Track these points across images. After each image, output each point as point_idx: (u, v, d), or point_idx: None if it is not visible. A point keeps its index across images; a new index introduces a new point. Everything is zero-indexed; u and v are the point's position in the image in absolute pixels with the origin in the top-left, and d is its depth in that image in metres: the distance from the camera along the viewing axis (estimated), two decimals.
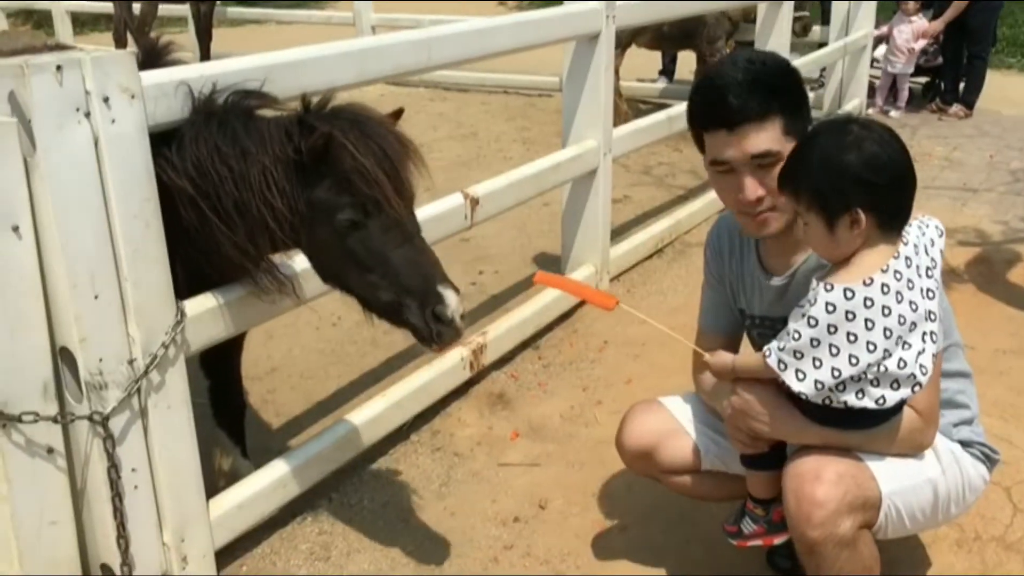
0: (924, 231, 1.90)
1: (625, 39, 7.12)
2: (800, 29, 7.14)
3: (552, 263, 4.64)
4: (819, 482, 1.88)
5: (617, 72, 7.42)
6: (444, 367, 3.28)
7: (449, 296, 2.05)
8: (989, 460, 2.19)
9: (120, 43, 8.11)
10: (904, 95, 8.32)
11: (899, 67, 8.12)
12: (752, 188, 1.97)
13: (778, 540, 2.09)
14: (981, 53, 8.13)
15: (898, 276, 1.80)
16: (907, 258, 1.83)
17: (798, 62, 6.15)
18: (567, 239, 4.33)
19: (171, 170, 2.03)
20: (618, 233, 4.93)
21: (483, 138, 7.34)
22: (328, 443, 2.79)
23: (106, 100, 1.88)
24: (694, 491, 2.41)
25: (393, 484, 2.95)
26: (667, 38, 7.35)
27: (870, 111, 8.20)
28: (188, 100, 2.09)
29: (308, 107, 2.13)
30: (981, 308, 4.19)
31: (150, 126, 2.00)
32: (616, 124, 4.26)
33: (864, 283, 1.78)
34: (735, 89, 1.93)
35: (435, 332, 2.06)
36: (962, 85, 8.25)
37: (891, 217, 1.83)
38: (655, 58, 9.00)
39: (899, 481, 1.98)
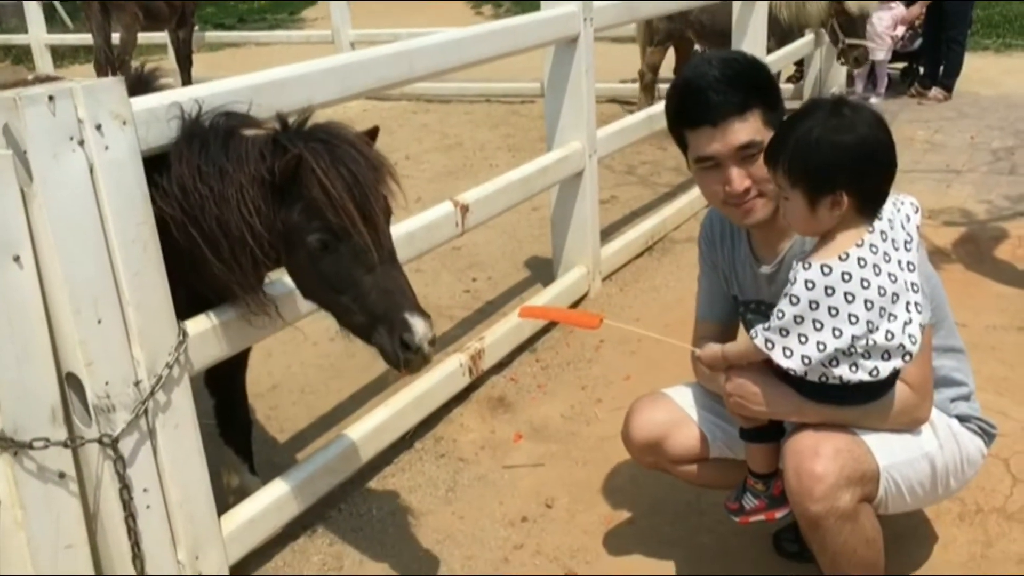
0: (899, 207, 1.95)
1: (660, 38, 7.09)
2: (852, 61, 7.01)
3: (543, 266, 4.68)
4: (818, 457, 1.93)
5: (656, 70, 7.44)
6: (444, 374, 3.31)
7: (416, 324, 2.05)
8: (986, 434, 2.23)
9: (101, 73, 8.13)
10: (884, 81, 8.40)
11: (879, 54, 8.20)
12: (739, 179, 2.03)
13: (779, 514, 2.13)
14: (958, 37, 8.21)
15: (874, 249, 1.84)
16: (882, 232, 1.87)
17: (772, 57, 6.21)
18: (557, 242, 4.37)
19: (160, 192, 2.07)
20: (607, 233, 4.97)
21: (468, 147, 7.39)
22: (334, 455, 2.81)
23: (99, 127, 1.91)
24: (702, 479, 2.44)
25: (400, 492, 2.98)
26: (707, 35, 7.17)
27: (852, 97, 8.26)
28: (177, 123, 2.12)
29: (285, 125, 2.14)
30: (971, 286, 4.24)
31: (142, 150, 2.03)
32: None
33: (840, 258, 1.83)
34: (715, 86, 2.00)
35: (402, 359, 2.07)
36: (940, 69, 8.33)
37: (870, 200, 1.88)
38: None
39: (896, 455, 2.02)
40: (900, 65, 8.86)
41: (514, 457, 3.16)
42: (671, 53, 7.70)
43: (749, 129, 2.00)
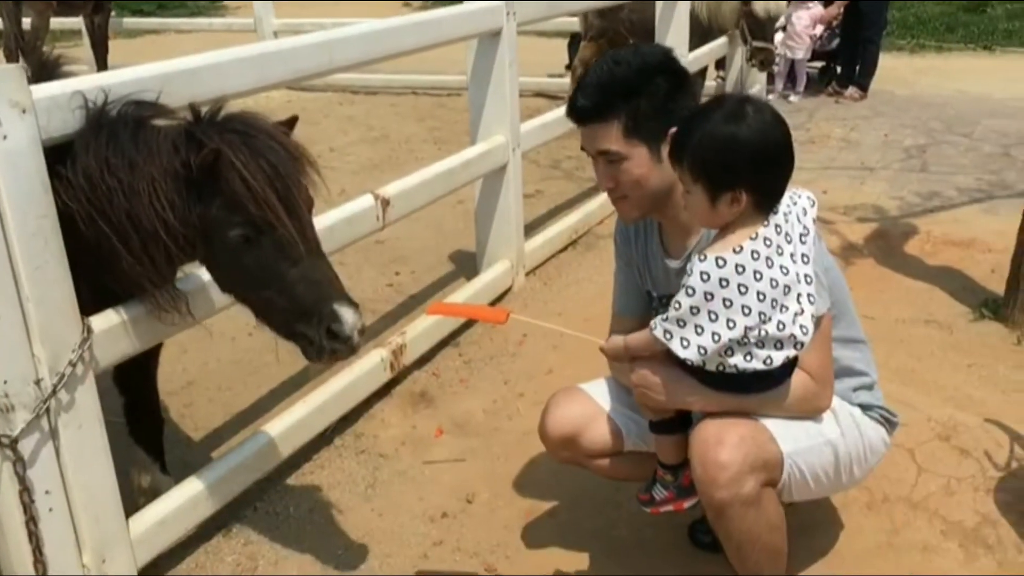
0: (796, 201, 2.00)
1: (593, 34, 7.08)
2: (759, 64, 7.07)
3: (468, 260, 4.67)
4: (722, 446, 1.97)
5: (588, 65, 7.39)
6: (364, 369, 3.27)
7: (346, 314, 2.04)
8: (889, 423, 2.30)
9: (11, 58, 7.83)
10: (803, 80, 8.59)
11: (799, 53, 8.38)
12: (602, 179, 2.13)
13: (687, 504, 2.17)
14: (873, 37, 8.44)
15: (767, 243, 1.89)
16: (776, 225, 1.92)
17: (692, 55, 6.29)
18: (481, 236, 4.36)
19: (64, 184, 1.99)
20: (532, 227, 4.99)
21: (394, 140, 7.33)
22: (249, 453, 2.76)
23: None
24: (618, 472, 2.46)
25: (319, 490, 2.94)
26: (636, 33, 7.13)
27: (770, 96, 8.44)
28: (82, 112, 2.05)
29: (198, 116, 2.08)
30: (881, 280, 4.37)
31: (44, 140, 1.95)
32: None
33: (734, 251, 1.87)
34: (586, 90, 2.07)
35: (329, 348, 2.05)
36: (857, 68, 8.56)
37: (768, 197, 1.92)
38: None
39: (799, 442, 2.08)
40: (818, 64, 9.07)
41: (435, 452, 3.14)
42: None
43: (608, 137, 2.06)
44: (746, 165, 1.86)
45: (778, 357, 1.91)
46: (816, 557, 2.52)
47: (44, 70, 2.52)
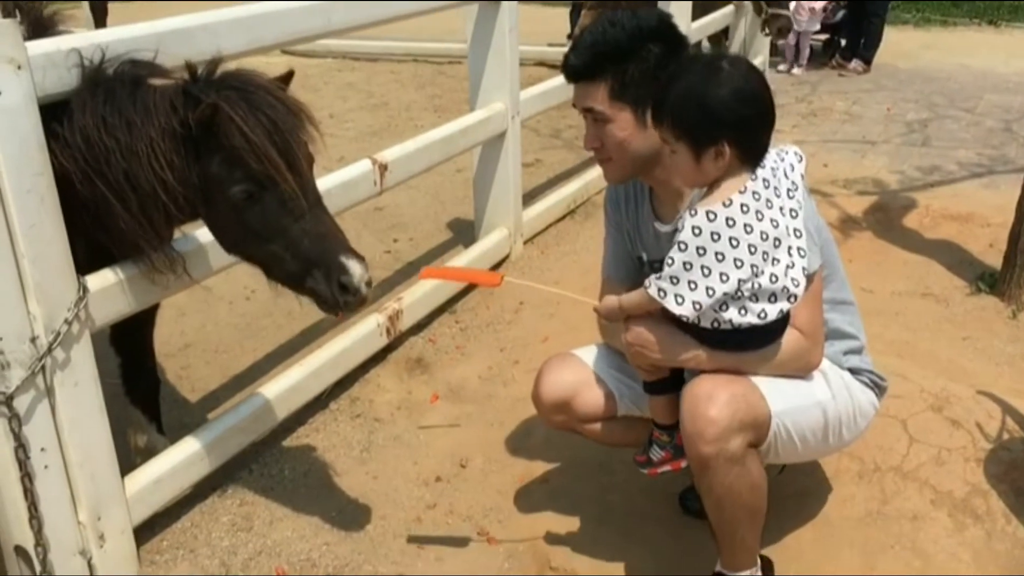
0: (784, 157, 2.00)
1: (593, 2, 7.02)
2: (775, 32, 6.99)
3: (466, 228, 4.67)
4: (712, 402, 1.98)
5: None
6: (360, 334, 3.28)
7: (353, 265, 2.04)
8: (878, 387, 2.31)
9: (7, 14, 7.77)
10: (806, 52, 8.53)
11: (803, 25, 8.31)
12: (588, 139, 2.17)
13: (685, 463, 2.18)
14: (878, 11, 8.39)
15: (756, 196, 1.89)
16: (764, 179, 1.92)
17: (695, 24, 6.24)
18: (479, 204, 4.36)
19: (61, 143, 1.99)
20: (531, 196, 4.98)
21: (394, 107, 7.29)
22: (245, 415, 2.78)
23: None
24: (611, 437, 2.48)
25: (314, 452, 2.96)
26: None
27: (780, 68, 8.40)
28: (78, 70, 2.04)
29: (195, 75, 2.07)
30: (879, 253, 4.37)
31: (39, 97, 1.94)
32: None
33: (724, 204, 1.88)
34: (578, 48, 2.10)
35: (341, 302, 2.06)
36: (861, 41, 8.50)
37: (752, 150, 1.93)
38: None
39: (789, 402, 2.09)
40: (822, 37, 9.01)
41: (430, 418, 3.16)
42: None
43: (593, 96, 2.09)
44: (725, 117, 1.86)
45: (772, 310, 1.92)
46: (805, 522, 2.54)
47: (39, 28, 2.51)
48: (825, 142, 6.12)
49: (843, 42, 8.73)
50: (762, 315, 1.91)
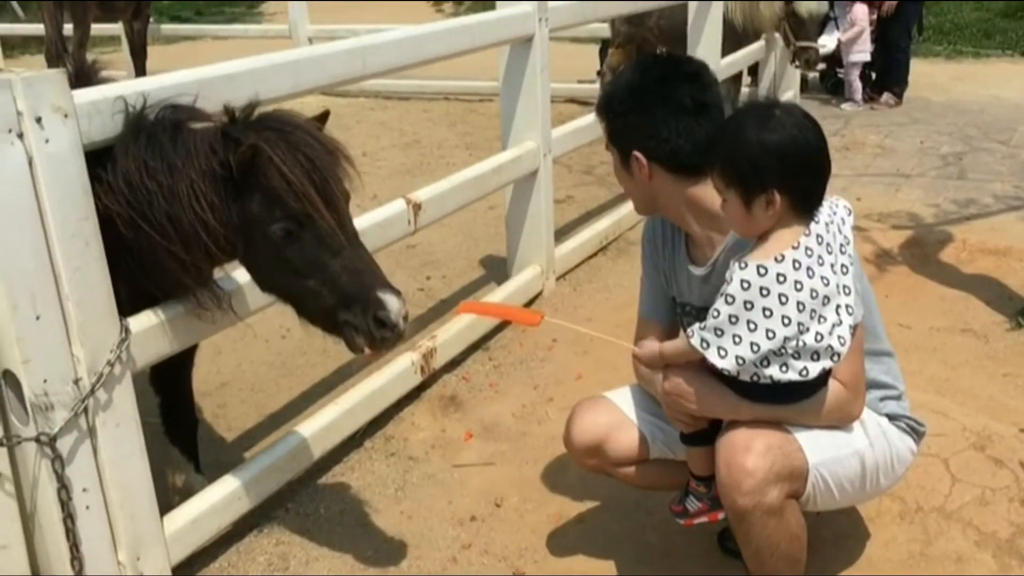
0: (835, 211, 1.98)
1: (620, 40, 7.10)
2: (804, 63, 7.02)
3: (498, 265, 4.68)
4: (749, 452, 1.96)
5: (616, 71, 7.37)
6: (395, 372, 3.30)
7: (390, 301, 2.06)
8: (916, 433, 2.27)
9: (53, 63, 7.97)
10: (855, 87, 8.41)
11: (864, 56, 8.26)
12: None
13: (722, 515, 2.16)
14: (900, 43, 8.40)
15: (809, 252, 1.87)
16: (818, 235, 1.90)
17: (726, 60, 6.26)
18: (512, 241, 4.38)
19: (104, 187, 2.03)
20: (563, 233, 4.99)
21: (426, 145, 7.37)
22: (281, 454, 2.79)
23: (39, 120, 1.87)
24: (644, 481, 2.46)
25: (349, 491, 2.96)
26: (665, 39, 6.99)
27: (845, 106, 8.30)
28: (121, 117, 2.09)
29: (233, 117, 2.11)
30: (915, 289, 4.32)
31: (84, 144, 1.99)
32: None
33: (776, 259, 1.86)
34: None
35: (378, 337, 2.07)
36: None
37: (804, 199, 1.90)
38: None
39: (826, 452, 2.06)
40: (821, 67, 8.92)
41: (464, 456, 3.16)
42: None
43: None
44: (774, 164, 1.85)
45: (814, 368, 1.89)
46: (848, 566, 2.50)
47: (82, 76, 2.58)
48: (858, 176, 6.09)
49: (874, 75, 8.71)
50: (803, 373, 1.89)
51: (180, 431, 2.77)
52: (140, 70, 8.42)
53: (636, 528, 2.72)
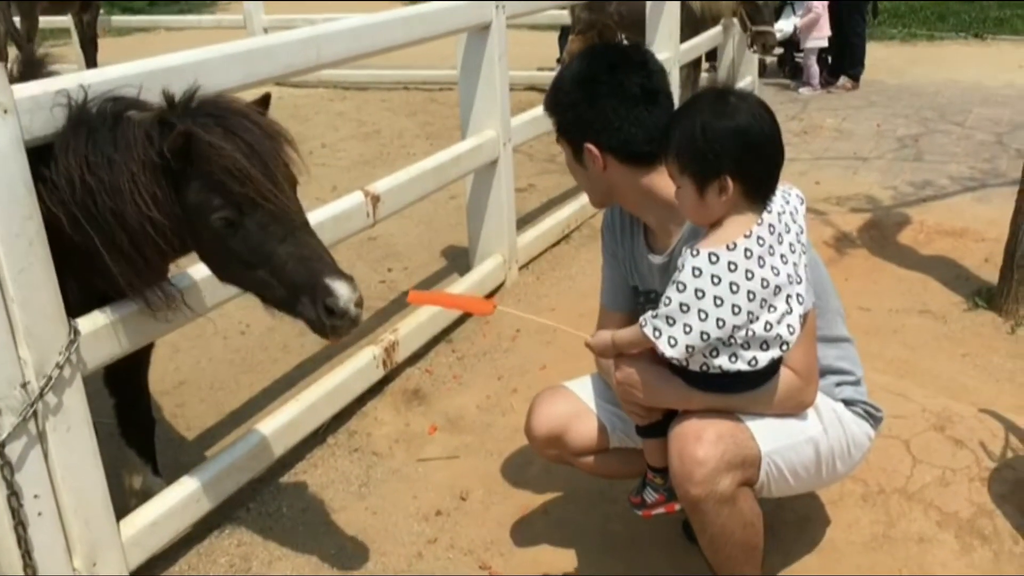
0: (788, 200, 1.98)
1: (581, 27, 7.05)
2: (761, 48, 7.02)
3: (460, 256, 4.65)
4: (700, 442, 1.96)
5: None
6: (357, 367, 3.26)
7: (339, 288, 2.00)
8: (872, 418, 2.27)
9: (2, 56, 7.77)
10: (811, 71, 8.48)
11: (822, 42, 8.31)
12: None
13: (679, 506, 2.15)
14: (856, 28, 8.47)
15: (761, 241, 1.86)
16: (770, 225, 1.90)
17: (684, 46, 6.27)
18: (473, 231, 4.34)
19: (48, 186, 1.97)
20: (525, 222, 4.97)
21: (386, 135, 7.30)
22: (242, 453, 2.74)
23: None
24: (604, 470, 2.45)
25: (312, 489, 2.93)
26: (625, 26, 6.95)
27: (802, 90, 8.36)
28: (63, 111, 2.02)
29: (172, 104, 2.04)
30: (874, 271, 4.36)
31: (26, 140, 1.93)
32: None
33: (728, 247, 1.85)
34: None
35: (328, 325, 2.02)
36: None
37: (757, 186, 1.89)
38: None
39: (779, 440, 2.06)
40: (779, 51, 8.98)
41: (429, 450, 3.13)
42: None
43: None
44: (727, 150, 1.84)
45: (763, 358, 1.89)
46: (811, 549, 2.51)
47: (30, 69, 2.50)
48: (817, 159, 6.13)
49: (830, 60, 8.77)
50: (752, 362, 1.88)
51: (136, 432, 2.70)
52: (91, 63, 8.24)
53: (600, 518, 2.71)
